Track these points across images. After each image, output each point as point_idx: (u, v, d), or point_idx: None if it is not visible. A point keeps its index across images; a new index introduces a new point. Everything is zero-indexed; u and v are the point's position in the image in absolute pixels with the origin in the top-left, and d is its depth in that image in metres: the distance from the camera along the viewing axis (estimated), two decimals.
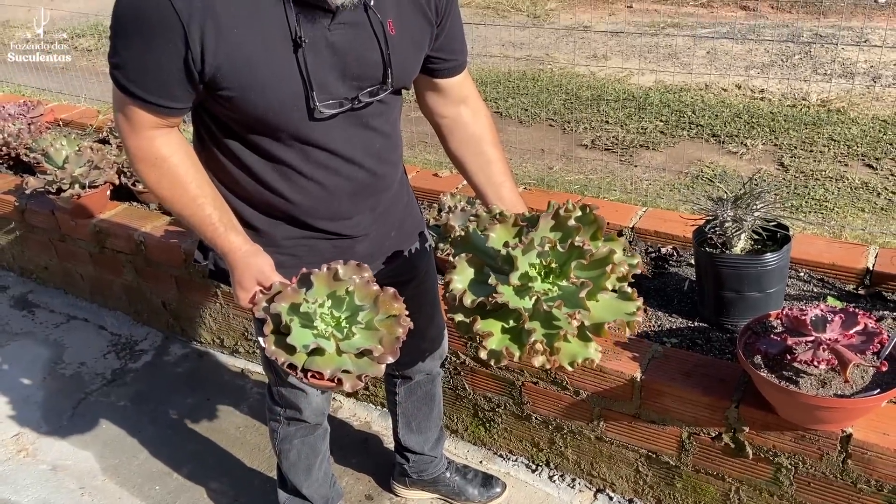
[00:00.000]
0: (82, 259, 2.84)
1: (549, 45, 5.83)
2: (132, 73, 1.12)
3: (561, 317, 1.10)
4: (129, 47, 1.11)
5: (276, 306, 1.14)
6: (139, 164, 1.22)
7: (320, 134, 1.22)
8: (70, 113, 3.58)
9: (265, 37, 1.10)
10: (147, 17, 1.07)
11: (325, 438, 1.74)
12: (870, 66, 4.86)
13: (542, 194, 2.58)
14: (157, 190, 1.23)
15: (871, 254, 2.00)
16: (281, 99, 1.15)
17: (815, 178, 3.51)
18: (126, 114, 1.17)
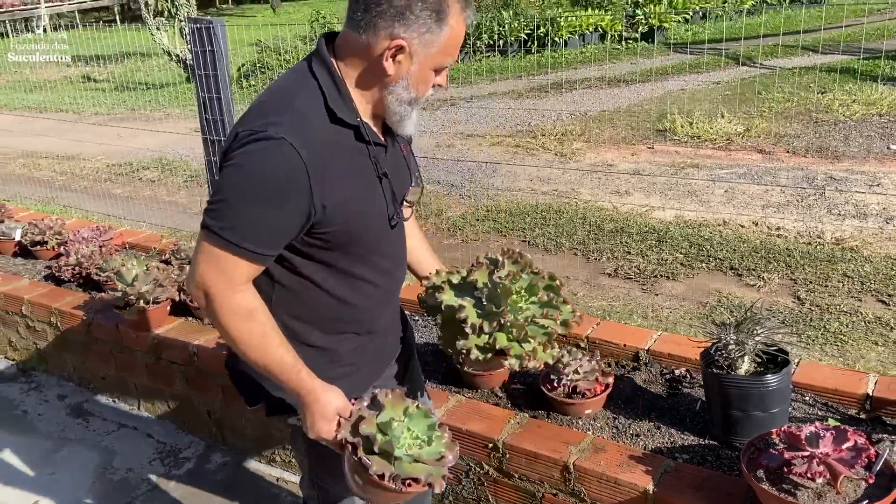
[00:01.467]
0: (138, 370, 3.07)
1: (574, 181, 6.21)
2: (249, 232, 1.26)
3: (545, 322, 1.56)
4: (252, 209, 1.25)
5: (364, 429, 1.34)
6: (231, 318, 1.30)
7: (387, 244, 1.50)
8: (136, 237, 3.94)
9: (360, 175, 1.40)
10: (281, 180, 1.24)
11: None
12: (882, 207, 5.10)
13: None
14: (247, 340, 1.33)
15: (871, 381, 2.14)
16: (374, 222, 1.44)
17: (830, 312, 3.66)
18: (224, 270, 1.28)
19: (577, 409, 2.16)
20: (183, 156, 7.28)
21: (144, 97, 10.75)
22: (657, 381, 2.34)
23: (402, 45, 1.31)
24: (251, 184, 1.27)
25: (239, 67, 10.45)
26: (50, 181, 6.94)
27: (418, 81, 1.37)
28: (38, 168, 7.58)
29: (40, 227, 3.83)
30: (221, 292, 1.31)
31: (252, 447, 2.82)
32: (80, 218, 4.72)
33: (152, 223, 4.85)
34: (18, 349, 3.57)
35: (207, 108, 3.41)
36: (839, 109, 7.55)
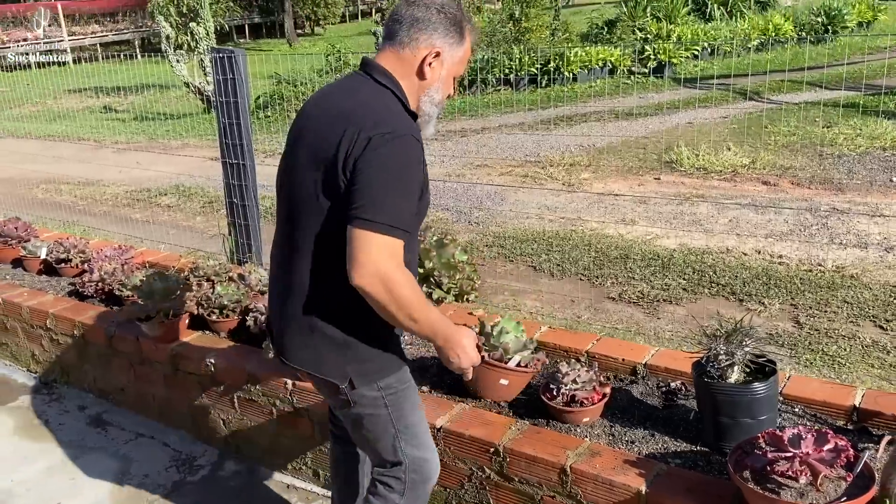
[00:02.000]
0: (156, 381, 3.20)
1: (581, 210, 6.34)
2: (403, 216, 1.59)
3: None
4: (402, 197, 1.59)
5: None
6: (407, 290, 1.59)
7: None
8: (156, 256, 4.09)
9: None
10: (416, 168, 1.61)
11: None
12: (883, 237, 5.19)
13: (564, 332, 2.89)
14: (417, 304, 1.63)
15: (859, 393, 2.24)
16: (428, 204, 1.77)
17: (829, 336, 3.75)
18: (394, 253, 1.57)
19: (575, 417, 2.26)
20: (200, 183, 7.49)
21: (163, 127, 11.05)
22: (653, 393, 2.44)
23: (439, 51, 1.71)
24: (398, 176, 1.59)
25: (256, 98, 10.73)
26: (71, 206, 7.15)
27: (446, 85, 1.77)
28: (60, 193, 7.81)
29: (65, 246, 3.99)
30: (395, 271, 1.57)
31: (264, 455, 2.92)
32: (102, 239, 4.89)
33: (171, 244, 5.01)
34: (41, 362, 3.71)
35: (227, 133, 3.58)
36: (844, 143, 7.68)
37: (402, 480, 1.88)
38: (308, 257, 1.71)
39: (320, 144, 1.66)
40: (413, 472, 1.87)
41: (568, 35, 13.55)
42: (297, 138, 1.76)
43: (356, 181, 1.57)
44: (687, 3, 14.62)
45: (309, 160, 1.69)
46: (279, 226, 1.83)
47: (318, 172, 1.65)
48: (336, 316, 1.72)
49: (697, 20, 14.41)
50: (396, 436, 1.84)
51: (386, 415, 1.81)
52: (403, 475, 1.87)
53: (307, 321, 1.74)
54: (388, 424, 1.82)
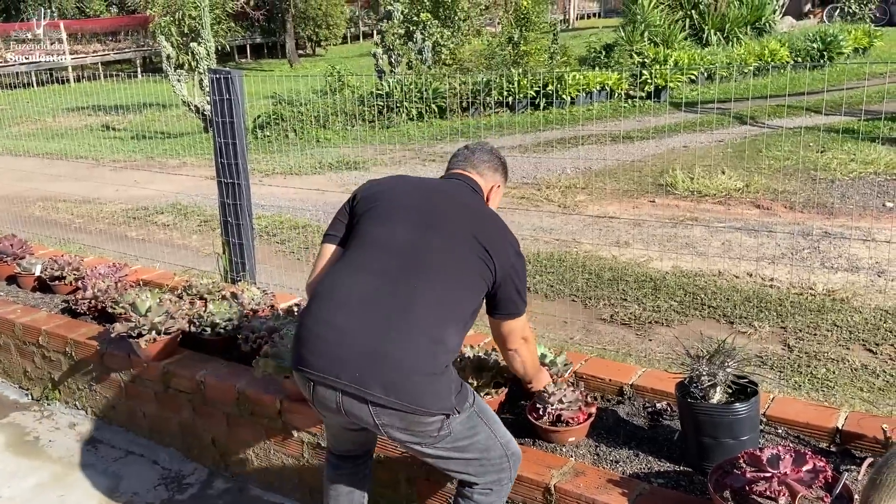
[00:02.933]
0: (147, 398, 3.21)
1: (576, 232, 6.38)
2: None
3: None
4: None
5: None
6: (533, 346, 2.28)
7: None
8: (150, 274, 4.12)
9: None
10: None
11: None
12: (874, 261, 5.22)
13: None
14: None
15: (842, 416, 2.25)
16: None
17: (818, 359, 3.76)
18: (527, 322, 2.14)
19: (560, 437, 2.28)
20: (197, 201, 7.53)
21: (162, 146, 11.12)
22: (639, 413, 2.45)
23: (500, 185, 2.35)
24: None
25: (255, 119, 10.81)
26: (68, 223, 7.19)
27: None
28: (57, 211, 7.85)
29: (59, 263, 4.02)
30: (530, 333, 2.19)
31: (254, 474, 2.92)
32: (97, 257, 4.92)
33: (166, 262, 5.04)
34: (33, 379, 3.72)
35: (223, 152, 3.62)
36: (837, 168, 7.74)
37: (508, 468, 2.00)
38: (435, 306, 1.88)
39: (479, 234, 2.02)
40: (510, 460, 2.00)
41: (566, 59, 13.68)
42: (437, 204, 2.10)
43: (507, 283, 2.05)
44: (684, 29, 14.79)
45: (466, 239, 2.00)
46: (392, 259, 1.94)
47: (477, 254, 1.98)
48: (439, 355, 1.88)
49: (694, 45, 14.57)
50: (493, 435, 1.96)
51: (480, 422, 1.95)
52: (508, 463, 1.99)
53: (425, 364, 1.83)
54: (483, 428, 1.95)
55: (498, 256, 1.99)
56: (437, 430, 1.84)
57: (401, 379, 1.77)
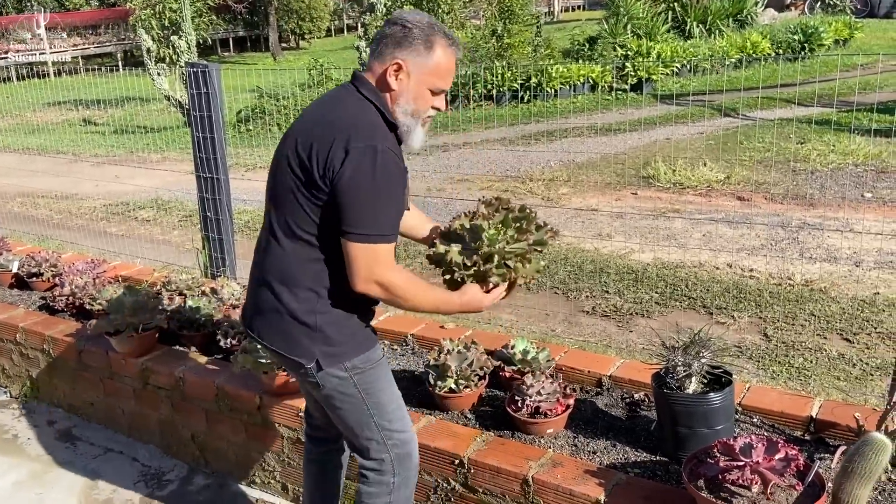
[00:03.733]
0: (126, 395, 3.19)
1: (559, 224, 6.39)
2: (387, 222, 1.74)
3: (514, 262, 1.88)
4: (383, 205, 1.73)
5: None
6: (408, 287, 1.80)
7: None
8: (129, 270, 4.09)
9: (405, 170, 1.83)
10: (393, 176, 1.73)
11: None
12: (853, 252, 5.28)
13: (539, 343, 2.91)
14: (422, 295, 1.84)
15: (816, 405, 2.28)
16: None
17: (796, 349, 3.80)
18: (384, 259, 1.75)
19: (539, 429, 2.29)
20: (178, 197, 7.47)
21: (143, 141, 11.02)
22: (617, 404, 2.47)
23: (399, 63, 1.79)
24: (384, 186, 1.73)
25: (238, 112, 10.73)
26: (47, 219, 7.11)
27: (416, 96, 1.82)
28: (36, 207, 7.76)
29: (37, 260, 3.98)
30: (387, 275, 1.77)
31: (233, 470, 2.92)
32: (76, 253, 4.87)
33: (146, 258, 5.00)
34: (11, 376, 3.68)
35: (202, 147, 3.60)
36: (817, 159, 7.80)
37: (388, 459, 1.94)
38: (283, 247, 1.85)
39: (303, 148, 1.79)
40: (395, 446, 1.95)
41: (550, 51, 13.68)
42: (284, 140, 1.89)
43: (339, 195, 1.73)
44: (667, 21, 14.83)
45: (293, 161, 1.81)
46: (264, 216, 1.97)
47: (299, 173, 1.79)
48: (305, 301, 1.84)
49: (677, 38, 14.60)
50: (370, 413, 1.92)
51: (357, 394, 1.90)
52: (387, 453, 1.94)
53: (279, 305, 1.86)
54: (360, 404, 1.91)
55: (318, 159, 1.73)
56: (301, 376, 1.92)
57: (260, 320, 1.92)
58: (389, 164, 1.73)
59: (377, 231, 1.73)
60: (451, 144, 9.84)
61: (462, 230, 1.91)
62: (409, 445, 1.98)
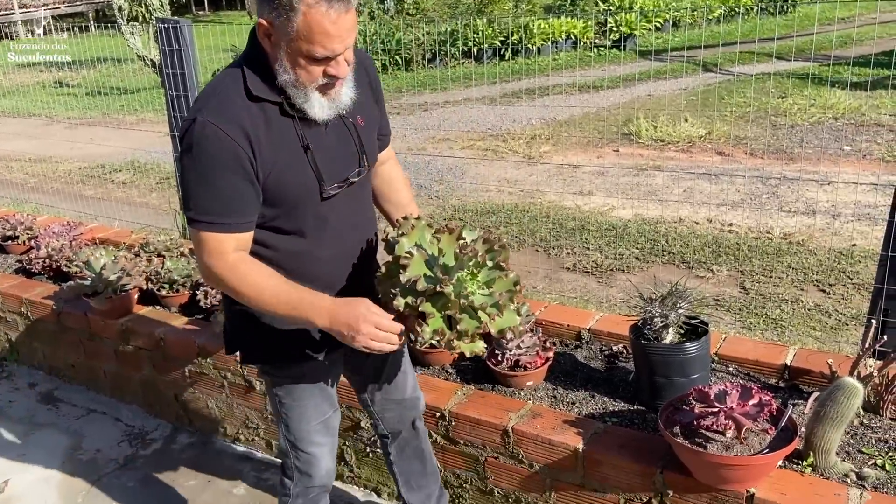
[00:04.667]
0: (107, 356, 3.18)
1: (540, 182, 6.39)
2: (215, 207, 1.47)
3: (483, 315, 1.54)
4: (206, 188, 1.47)
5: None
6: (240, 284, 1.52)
7: (328, 213, 1.63)
8: (107, 233, 4.04)
9: (285, 146, 1.54)
10: (217, 155, 1.45)
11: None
12: (831, 204, 5.32)
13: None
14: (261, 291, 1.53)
15: (791, 352, 2.32)
16: (302, 191, 1.58)
17: (773, 301, 3.85)
18: (214, 250, 1.50)
19: (519, 381, 2.31)
20: (156, 158, 7.37)
21: (118, 102, 10.81)
22: (596, 357, 2.50)
23: (264, 24, 1.46)
24: (197, 166, 1.48)
25: (214, 72, 10.52)
26: (22, 183, 6.99)
27: (293, 65, 1.48)
28: (10, 170, 7.62)
29: (11, 223, 3.92)
30: (218, 267, 1.52)
31: (217, 428, 2.93)
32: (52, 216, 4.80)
33: (124, 220, 4.94)
34: None
35: (175, 105, 3.53)
36: (797, 113, 7.82)
37: (290, 466, 1.88)
38: None
39: None
40: (297, 459, 1.85)
41: (531, 7, 13.49)
42: None
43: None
44: None
45: None
46: None
47: None
48: (226, 296, 1.71)
49: None
50: (280, 422, 1.84)
51: (273, 397, 1.82)
52: (289, 460, 1.88)
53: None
54: (275, 407, 1.83)
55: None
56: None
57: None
58: (205, 139, 1.43)
59: (194, 215, 1.50)
60: (431, 103, 9.74)
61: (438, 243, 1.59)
62: (312, 467, 1.85)
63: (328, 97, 1.54)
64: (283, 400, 1.79)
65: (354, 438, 2.50)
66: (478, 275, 1.56)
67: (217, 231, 1.50)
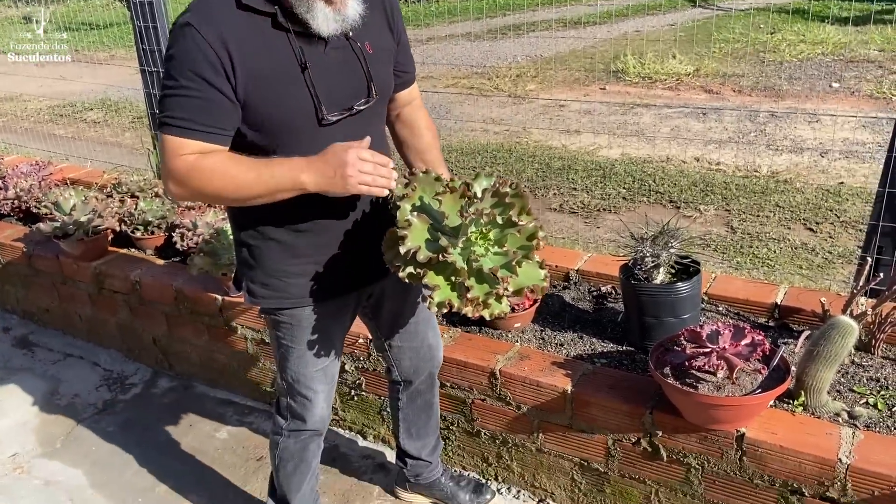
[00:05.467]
0: (81, 300, 3.09)
1: (526, 121, 6.26)
2: (188, 111, 1.37)
3: (496, 278, 1.39)
4: (182, 91, 1.36)
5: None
6: (201, 180, 1.39)
7: (327, 138, 1.46)
8: (78, 173, 3.89)
9: (276, 60, 1.41)
10: (194, 59, 1.35)
11: (318, 456, 1.92)
12: (819, 142, 5.26)
13: None
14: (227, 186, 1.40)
15: (781, 291, 2.28)
16: (296, 114, 1.44)
17: (760, 240, 3.82)
18: (180, 153, 1.38)
19: (506, 324, 2.26)
20: (129, 96, 7.12)
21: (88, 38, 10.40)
22: (584, 297, 2.45)
23: None
24: (170, 68, 1.39)
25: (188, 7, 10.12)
26: None
27: None
28: None
29: None
30: (181, 168, 1.40)
31: (198, 372, 2.88)
32: (21, 156, 4.63)
33: (97, 160, 4.78)
34: None
35: (143, 38, 3.35)
36: (786, 49, 7.68)
37: (284, 406, 1.84)
38: None
39: None
40: (292, 400, 1.80)
41: None
42: None
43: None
44: None
45: None
46: None
47: None
48: (236, 227, 1.64)
49: None
50: (280, 361, 1.77)
51: (274, 338, 1.74)
52: (285, 399, 1.83)
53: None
54: (275, 347, 1.76)
55: None
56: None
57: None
58: (182, 40, 1.36)
59: (161, 117, 1.40)
60: (414, 40, 9.47)
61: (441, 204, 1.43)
62: (306, 411, 1.79)
63: (333, 7, 1.41)
64: (284, 341, 1.72)
65: (339, 382, 2.45)
66: (488, 234, 1.43)
67: (179, 135, 1.38)
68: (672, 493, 1.90)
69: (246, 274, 1.66)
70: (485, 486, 2.17)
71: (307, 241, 1.58)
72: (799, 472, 1.68)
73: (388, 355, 1.94)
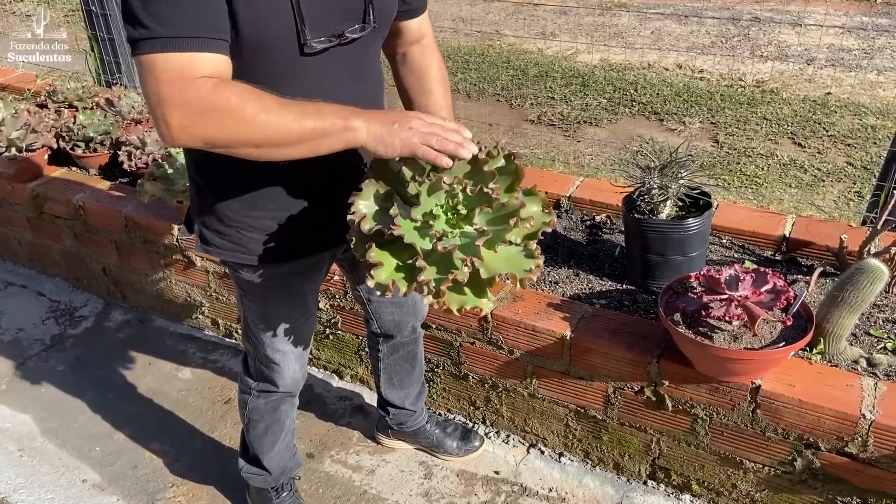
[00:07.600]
0: (20, 225, 2.80)
1: (499, 22, 5.88)
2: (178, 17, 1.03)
3: (456, 261, 1.11)
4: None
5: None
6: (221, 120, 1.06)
7: (310, 73, 1.21)
8: (6, 77, 3.48)
9: None
10: None
11: (293, 413, 1.75)
12: (804, 48, 5.05)
13: None
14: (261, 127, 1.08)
15: (789, 222, 2.12)
16: (276, 32, 1.14)
17: (747, 155, 3.66)
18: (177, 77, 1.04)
19: None
20: None
21: None
22: (577, 228, 2.26)
23: None
24: None
25: None
26: None
27: None
28: None
29: None
30: (199, 97, 1.04)
31: (155, 304, 2.65)
32: None
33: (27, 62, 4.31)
34: None
35: None
36: None
37: (252, 367, 1.65)
38: None
39: None
40: (259, 362, 1.61)
41: None
42: None
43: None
44: None
45: None
46: None
47: None
48: (190, 161, 1.37)
49: None
50: (244, 321, 1.56)
51: (238, 290, 1.52)
52: (252, 361, 1.64)
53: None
54: (239, 300, 1.54)
55: None
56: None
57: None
58: None
59: (147, 33, 1.03)
60: None
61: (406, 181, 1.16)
62: (275, 375, 1.60)
63: None
64: (246, 299, 1.50)
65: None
66: (457, 207, 1.14)
67: (188, 48, 1.04)
68: (675, 442, 1.80)
69: (198, 217, 1.39)
70: (473, 433, 2.05)
71: (271, 195, 1.31)
72: (817, 427, 1.58)
73: (368, 308, 1.74)
